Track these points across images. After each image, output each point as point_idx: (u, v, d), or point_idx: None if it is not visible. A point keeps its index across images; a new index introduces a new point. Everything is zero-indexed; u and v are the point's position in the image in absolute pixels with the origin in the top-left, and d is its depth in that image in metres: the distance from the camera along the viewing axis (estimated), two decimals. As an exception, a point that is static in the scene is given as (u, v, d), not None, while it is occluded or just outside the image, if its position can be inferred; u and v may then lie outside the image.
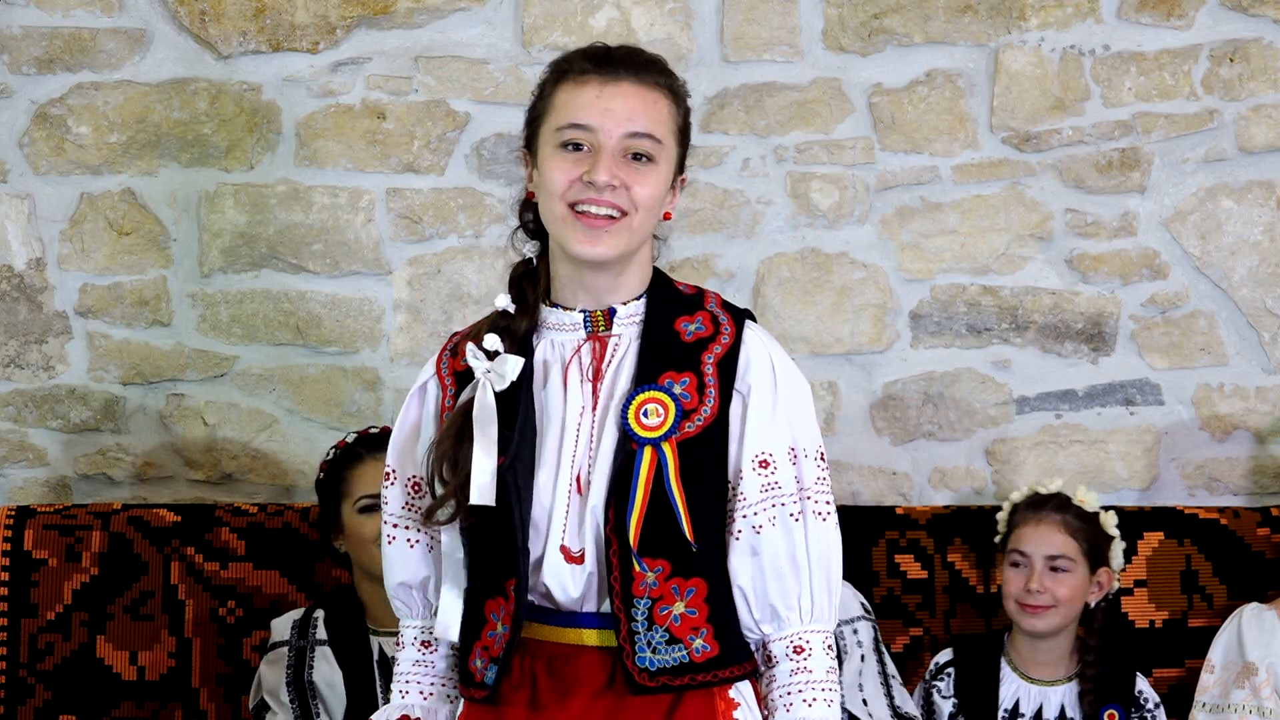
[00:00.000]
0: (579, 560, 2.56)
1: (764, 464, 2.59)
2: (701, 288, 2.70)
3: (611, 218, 2.56)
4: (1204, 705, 3.80)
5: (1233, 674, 3.78)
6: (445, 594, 2.66)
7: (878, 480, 4.15)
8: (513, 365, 2.59)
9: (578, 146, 2.56)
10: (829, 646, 2.61)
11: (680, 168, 2.65)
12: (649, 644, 2.55)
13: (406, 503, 2.70)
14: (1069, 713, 3.76)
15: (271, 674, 3.71)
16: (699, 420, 2.58)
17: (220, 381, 4.14)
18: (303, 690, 3.68)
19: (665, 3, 4.10)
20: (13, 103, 4.12)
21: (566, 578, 2.56)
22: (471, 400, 2.60)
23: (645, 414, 2.57)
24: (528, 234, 2.70)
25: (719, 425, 2.59)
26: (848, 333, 4.13)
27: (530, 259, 2.68)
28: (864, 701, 3.70)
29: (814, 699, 2.57)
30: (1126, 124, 4.11)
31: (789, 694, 2.58)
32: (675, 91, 2.62)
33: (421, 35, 4.11)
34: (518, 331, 2.63)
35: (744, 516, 2.59)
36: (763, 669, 2.63)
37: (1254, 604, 3.84)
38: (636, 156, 2.56)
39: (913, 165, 4.12)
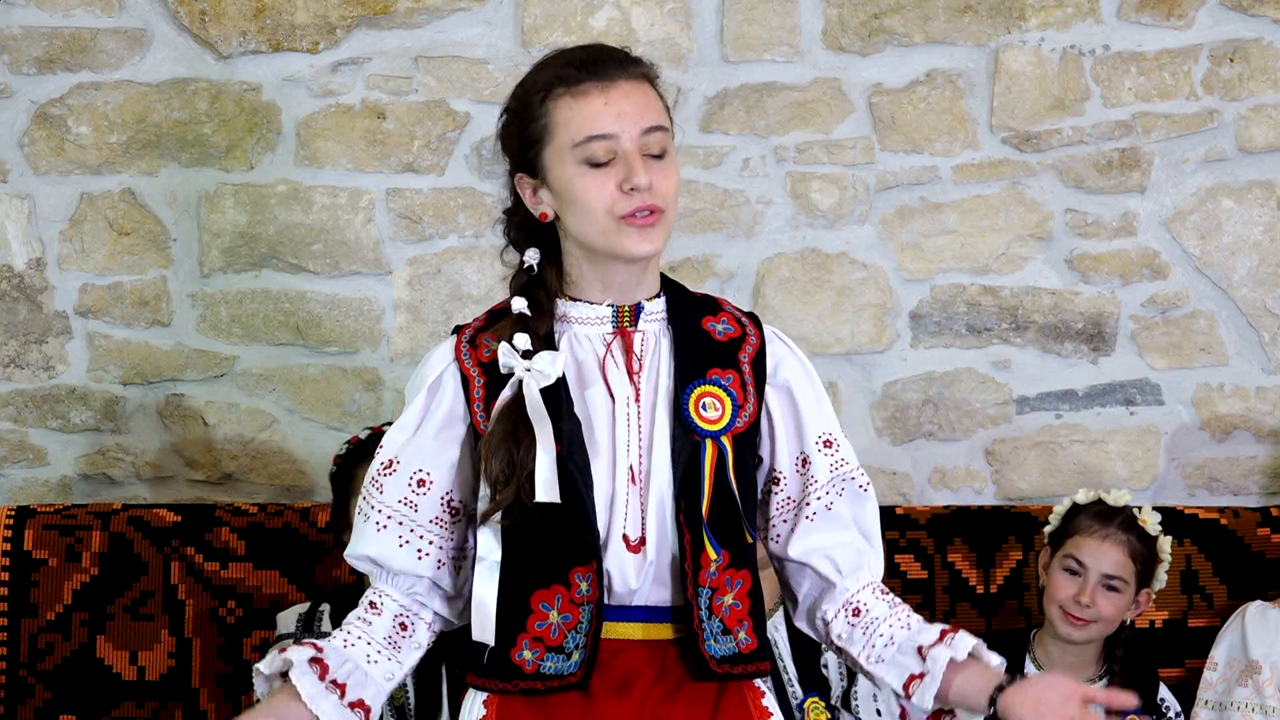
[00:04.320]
0: (638, 549, 2.57)
1: (828, 444, 2.66)
2: (705, 293, 2.72)
3: (652, 214, 2.57)
4: (1206, 703, 3.79)
5: (1236, 672, 3.78)
6: (481, 596, 2.61)
7: (878, 480, 4.13)
8: (552, 360, 2.59)
9: (602, 161, 2.55)
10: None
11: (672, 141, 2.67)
12: (711, 633, 2.58)
13: (404, 498, 2.65)
14: None
15: None
16: (745, 416, 2.62)
17: (220, 381, 4.14)
18: None
19: (665, 3, 4.10)
20: (13, 103, 4.12)
21: (629, 566, 2.57)
22: (513, 400, 2.59)
23: (704, 407, 2.60)
24: (518, 249, 2.70)
25: (756, 424, 2.63)
26: (848, 333, 4.13)
27: (530, 267, 2.68)
28: (878, 712, 3.70)
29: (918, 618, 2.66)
30: (1126, 124, 4.11)
31: (900, 615, 2.65)
32: (656, 79, 2.63)
33: (421, 35, 4.11)
34: (539, 332, 2.62)
35: (818, 498, 2.65)
36: (842, 631, 2.66)
37: (1258, 602, 3.84)
38: (654, 155, 2.56)
39: (913, 165, 4.13)
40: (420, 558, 2.64)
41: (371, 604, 2.66)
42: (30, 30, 4.11)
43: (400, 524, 2.64)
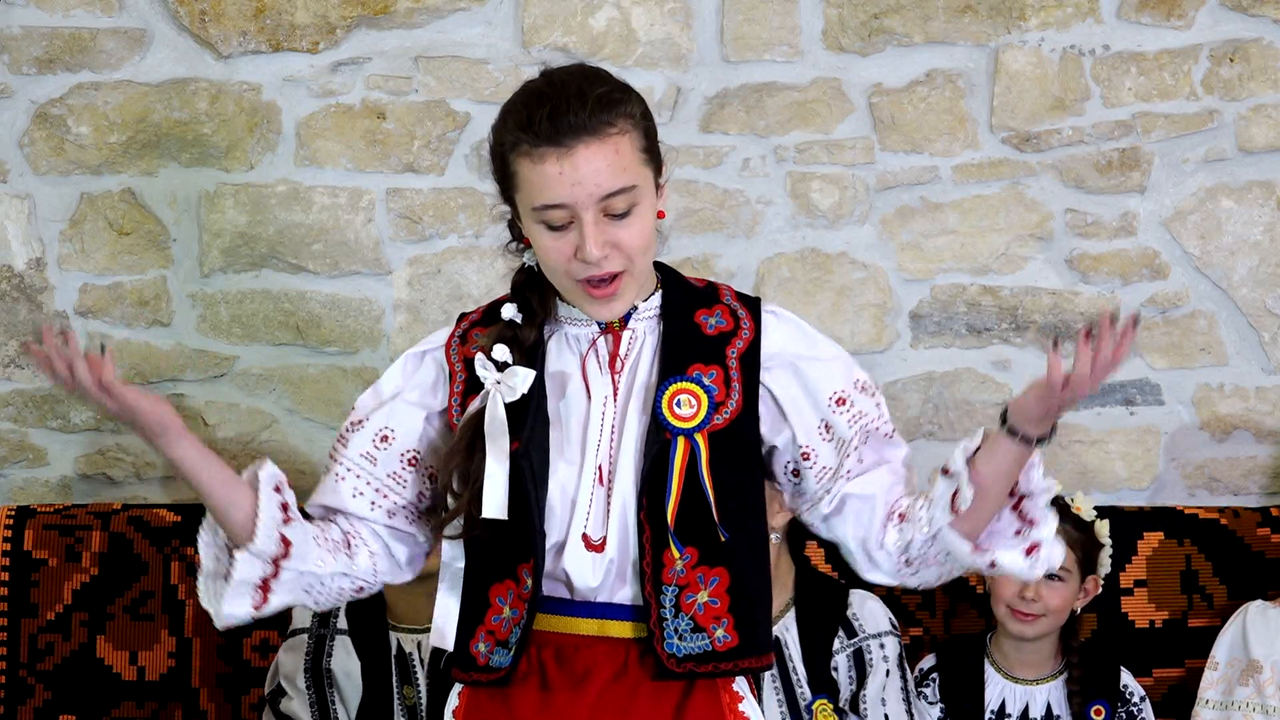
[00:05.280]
0: (599, 548, 2.57)
1: (841, 401, 2.65)
2: (712, 281, 2.71)
3: (615, 276, 2.56)
4: (1207, 702, 3.80)
5: (1237, 671, 3.78)
6: (442, 601, 2.65)
7: (878, 480, 4.14)
8: (523, 377, 2.59)
9: (559, 225, 2.53)
10: None
11: (658, 169, 2.60)
12: (675, 630, 2.57)
13: (366, 452, 2.68)
14: (1055, 710, 3.77)
15: (290, 660, 3.72)
16: (726, 413, 2.61)
17: (220, 381, 4.14)
18: (320, 677, 3.69)
19: (665, 3, 4.10)
20: (13, 103, 4.12)
21: (587, 565, 2.58)
22: (479, 413, 2.60)
23: (678, 404, 2.59)
24: (523, 244, 2.70)
25: (745, 419, 2.62)
26: (848, 333, 4.13)
27: (531, 266, 2.68)
28: (886, 716, 3.71)
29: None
30: (1126, 124, 4.11)
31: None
32: (630, 116, 2.54)
33: (421, 35, 4.11)
34: (526, 342, 2.63)
35: (848, 455, 2.64)
36: (896, 539, 2.64)
37: (1259, 601, 3.84)
38: (616, 215, 2.53)
39: (913, 165, 4.13)
40: (373, 509, 2.68)
41: (324, 519, 2.69)
42: (30, 30, 4.11)
43: (359, 476, 2.68)
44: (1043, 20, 4.10)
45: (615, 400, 2.61)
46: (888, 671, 3.73)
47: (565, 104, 2.50)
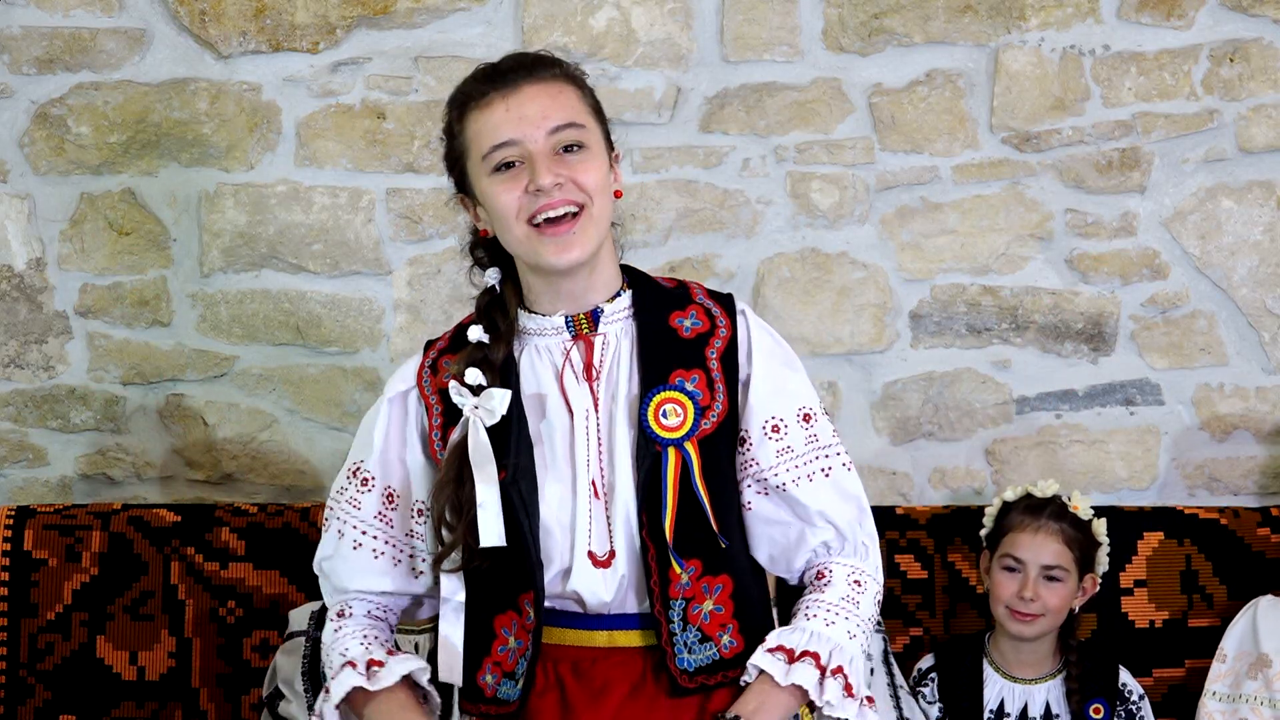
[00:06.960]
0: (607, 564, 2.56)
1: (741, 442, 2.64)
2: (680, 279, 2.71)
3: (573, 215, 2.55)
4: (1214, 694, 3.80)
5: (1245, 665, 3.79)
6: (446, 636, 2.64)
7: (878, 480, 4.15)
8: (500, 399, 2.58)
9: (510, 165, 2.56)
10: (856, 582, 2.63)
11: (608, 138, 2.65)
12: (685, 644, 2.57)
13: (379, 513, 2.68)
14: (1054, 709, 3.77)
15: (287, 663, 3.72)
16: (713, 417, 2.60)
17: (220, 381, 4.14)
18: (318, 680, 3.69)
19: (665, 3, 4.10)
20: (13, 103, 4.12)
21: (598, 583, 2.57)
22: (461, 442, 2.59)
23: (664, 415, 2.58)
24: (482, 268, 2.71)
25: (730, 419, 2.61)
26: (848, 333, 4.13)
27: (493, 287, 2.68)
28: None
29: (832, 620, 2.60)
30: (1126, 124, 4.11)
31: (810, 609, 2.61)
32: (574, 76, 2.63)
33: (421, 35, 4.11)
34: (496, 361, 2.62)
35: (740, 493, 2.62)
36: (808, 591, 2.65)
37: (1269, 596, 3.84)
38: (568, 149, 2.57)
39: (913, 165, 4.13)
40: (414, 579, 2.70)
41: (374, 604, 2.71)
42: (30, 30, 4.11)
43: (375, 537, 2.70)
44: (1043, 20, 4.10)
45: (597, 412, 2.60)
46: (872, 670, 3.72)
47: (514, 58, 2.63)
